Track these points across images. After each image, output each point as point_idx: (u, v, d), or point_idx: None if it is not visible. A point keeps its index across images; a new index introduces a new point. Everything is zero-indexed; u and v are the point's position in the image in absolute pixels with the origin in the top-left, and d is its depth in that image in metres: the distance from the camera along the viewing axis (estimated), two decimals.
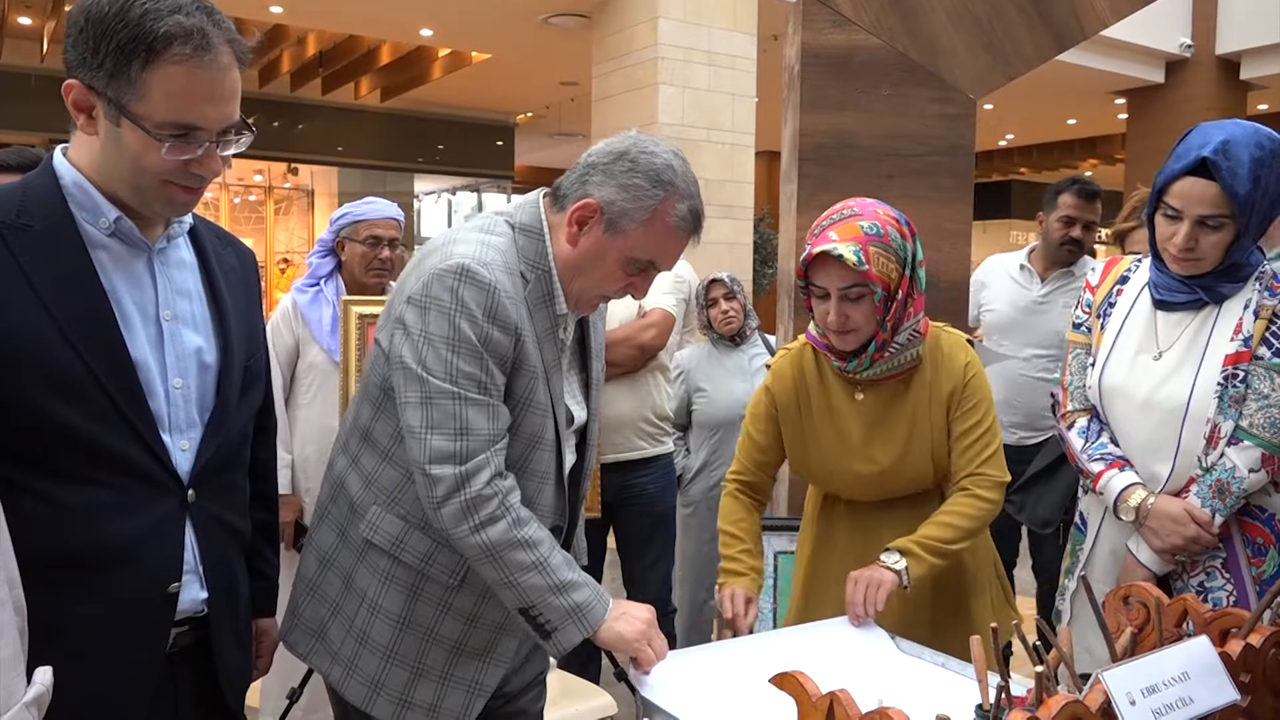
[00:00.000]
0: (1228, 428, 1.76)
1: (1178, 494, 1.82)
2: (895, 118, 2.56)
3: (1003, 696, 1.08)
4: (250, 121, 1.31)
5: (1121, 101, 11.63)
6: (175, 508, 1.32)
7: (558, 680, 2.55)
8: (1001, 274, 3.40)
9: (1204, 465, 1.79)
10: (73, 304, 1.23)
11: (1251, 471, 1.75)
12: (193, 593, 1.35)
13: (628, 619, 1.49)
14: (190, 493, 1.34)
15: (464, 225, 1.57)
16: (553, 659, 2.51)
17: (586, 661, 2.88)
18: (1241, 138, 1.70)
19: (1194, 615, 1.34)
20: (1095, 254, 3.45)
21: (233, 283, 1.46)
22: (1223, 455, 1.77)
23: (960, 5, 2.58)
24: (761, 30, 7.64)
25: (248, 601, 1.52)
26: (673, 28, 7.22)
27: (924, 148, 2.57)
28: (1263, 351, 1.76)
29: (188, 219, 1.41)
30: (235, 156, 1.35)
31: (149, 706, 1.32)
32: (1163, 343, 1.85)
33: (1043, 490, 2.52)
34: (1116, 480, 1.86)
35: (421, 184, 15.13)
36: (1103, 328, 1.96)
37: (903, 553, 1.76)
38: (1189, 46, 10.48)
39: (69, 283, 1.24)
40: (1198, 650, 1.14)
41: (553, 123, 13.45)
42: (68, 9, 1.29)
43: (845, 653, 1.63)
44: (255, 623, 1.60)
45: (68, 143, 1.33)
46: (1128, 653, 1.23)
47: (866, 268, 1.70)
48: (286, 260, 14.22)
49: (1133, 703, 1.04)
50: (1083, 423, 1.96)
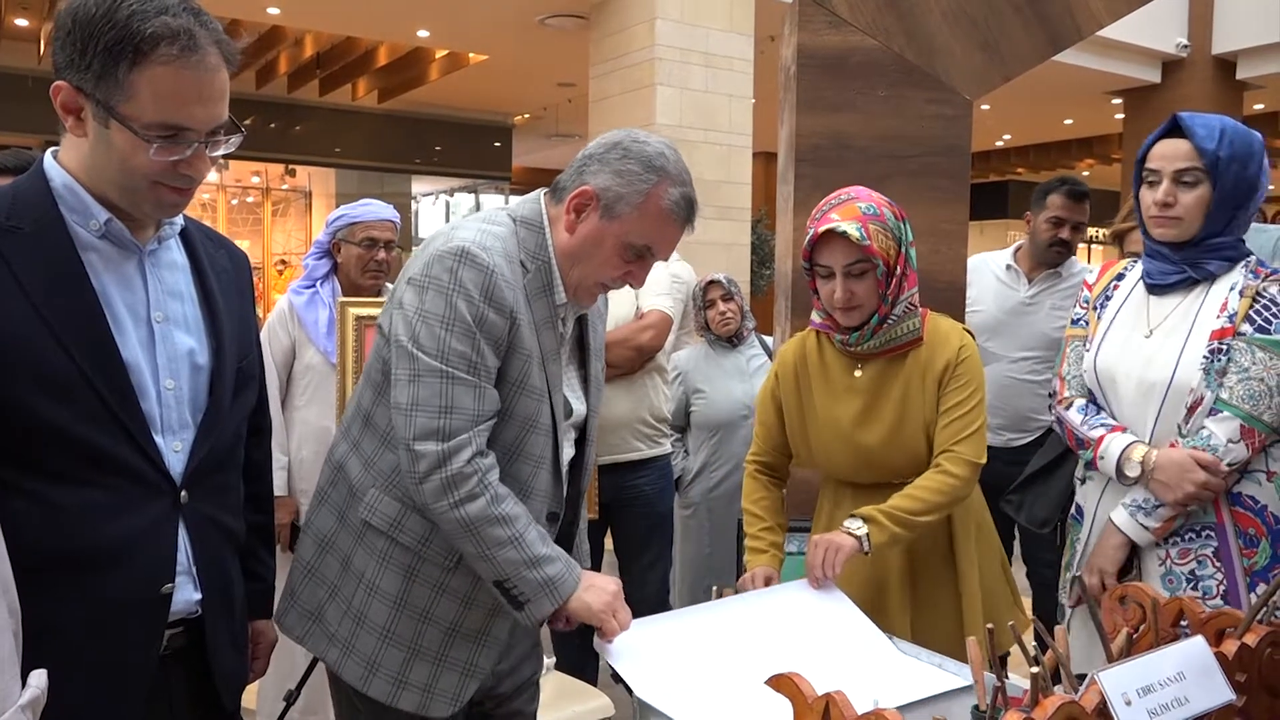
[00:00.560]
0: (1209, 398, 1.82)
1: None
2: (891, 119, 2.55)
3: (999, 697, 1.08)
4: (239, 122, 1.31)
5: (1118, 101, 11.64)
6: (168, 509, 1.33)
7: (555, 682, 2.55)
8: (987, 274, 3.34)
9: (1182, 433, 1.84)
10: (63, 306, 1.23)
11: (1231, 442, 1.79)
12: (186, 594, 1.36)
13: (595, 590, 1.54)
14: (183, 494, 1.34)
15: (467, 218, 1.61)
16: (550, 661, 2.53)
17: (584, 663, 2.88)
18: (1210, 114, 1.91)
19: (1190, 615, 1.34)
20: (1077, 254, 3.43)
21: (225, 284, 1.46)
22: (1202, 426, 1.81)
23: (956, 6, 2.58)
24: (758, 31, 7.64)
25: (243, 603, 1.52)
26: (670, 29, 7.22)
27: (920, 148, 2.56)
28: (1245, 328, 1.83)
29: (179, 220, 1.41)
30: (232, 158, 1.35)
31: (144, 708, 1.32)
32: (1154, 321, 1.93)
33: (1040, 490, 2.51)
34: (1116, 442, 1.90)
35: (419, 185, 15.11)
36: (1099, 317, 2.03)
37: (866, 520, 1.83)
38: (1185, 46, 10.49)
39: (60, 284, 1.24)
40: (1193, 650, 1.14)
41: (550, 124, 13.45)
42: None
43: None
44: (251, 624, 1.60)
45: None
46: (1124, 653, 1.23)
47: (868, 243, 1.82)
48: (284, 262, 14.19)
49: (1128, 703, 1.05)
50: (1080, 403, 2.01)
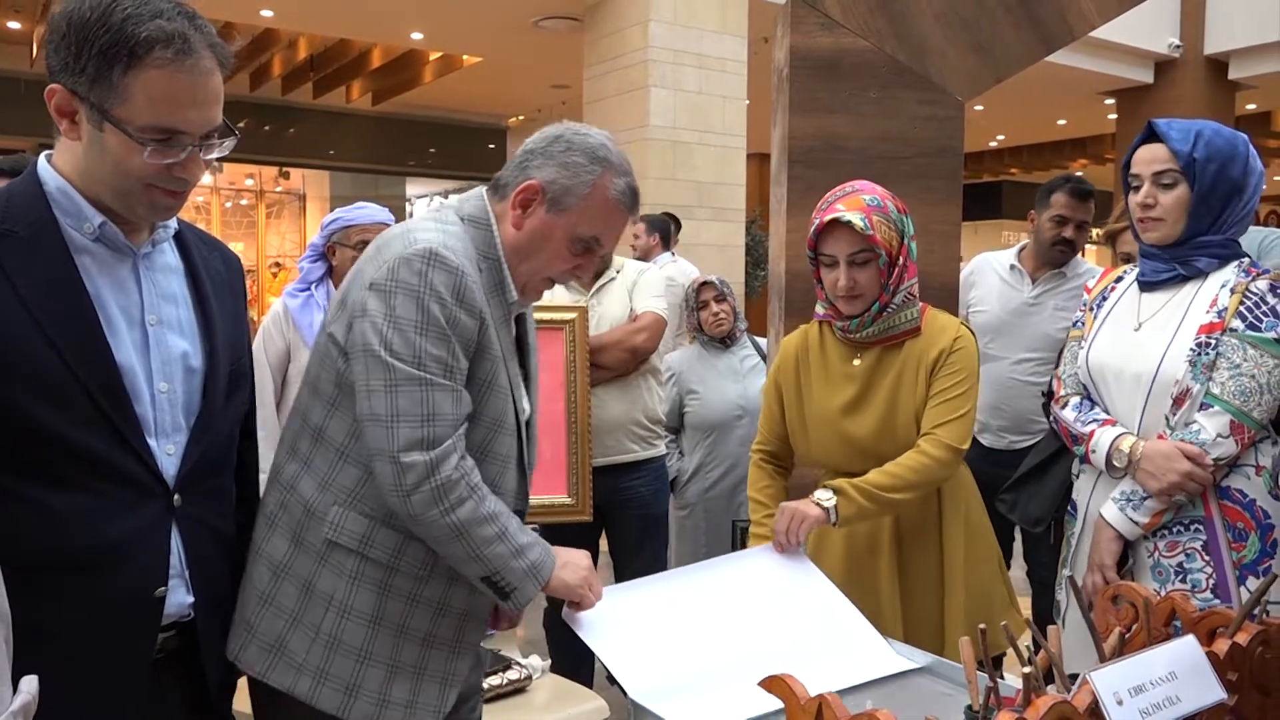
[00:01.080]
0: (1197, 390, 1.83)
1: None
2: (884, 120, 2.56)
3: (991, 697, 1.08)
4: (234, 124, 1.31)
5: (1111, 102, 11.67)
6: (161, 512, 1.32)
7: (551, 683, 2.54)
8: (991, 274, 3.32)
9: (1170, 425, 1.85)
10: (57, 309, 1.23)
11: (1220, 437, 1.80)
12: (179, 597, 1.35)
13: (571, 567, 1.57)
14: (176, 497, 1.34)
15: (417, 218, 1.59)
16: (545, 663, 2.53)
17: (579, 665, 2.88)
18: (1193, 119, 1.95)
19: (1182, 614, 1.35)
20: (1083, 253, 3.43)
21: (218, 287, 1.46)
22: (1193, 420, 1.83)
23: (948, 7, 2.58)
24: (752, 33, 7.65)
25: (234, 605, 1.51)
26: (663, 30, 7.23)
27: (913, 150, 2.57)
28: (1236, 324, 1.84)
29: (172, 223, 1.41)
30: (227, 160, 1.35)
31: (137, 711, 1.31)
32: (1143, 316, 1.96)
33: (1034, 489, 2.51)
34: (1106, 435, 1.92)
35: (413, 187, 15.10)
36: (1095, 317, 2.06)
37: (836, 491, 1.85)
38: (1177, 47, 10.51)
39: (53, 288, 1.24)
40: (1185, 650, 1.14)
41: (544, 125, 13.41)
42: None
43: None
44: None
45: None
46: (1116, 652, 1.23)
47: (872, 233, 1.87)
48: (278, 264, 14.16)
49: (1120, 702, 1.05)
50: (1076, 400, 2.04)
